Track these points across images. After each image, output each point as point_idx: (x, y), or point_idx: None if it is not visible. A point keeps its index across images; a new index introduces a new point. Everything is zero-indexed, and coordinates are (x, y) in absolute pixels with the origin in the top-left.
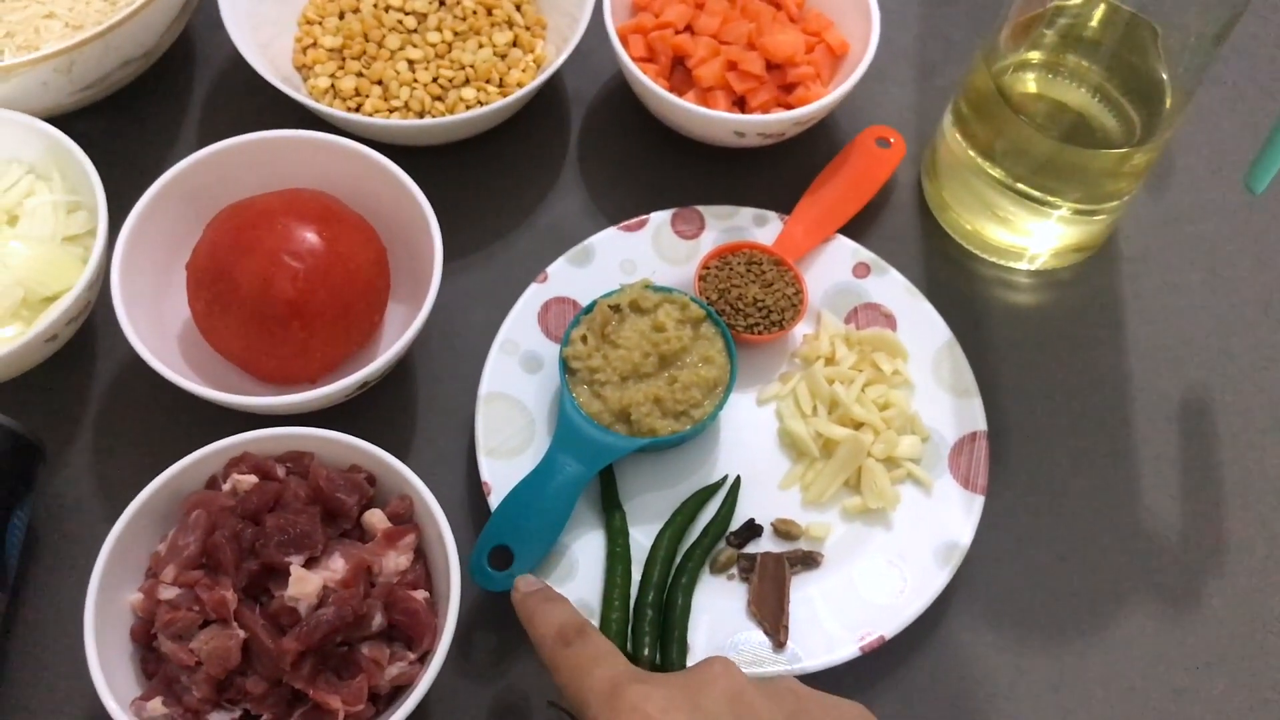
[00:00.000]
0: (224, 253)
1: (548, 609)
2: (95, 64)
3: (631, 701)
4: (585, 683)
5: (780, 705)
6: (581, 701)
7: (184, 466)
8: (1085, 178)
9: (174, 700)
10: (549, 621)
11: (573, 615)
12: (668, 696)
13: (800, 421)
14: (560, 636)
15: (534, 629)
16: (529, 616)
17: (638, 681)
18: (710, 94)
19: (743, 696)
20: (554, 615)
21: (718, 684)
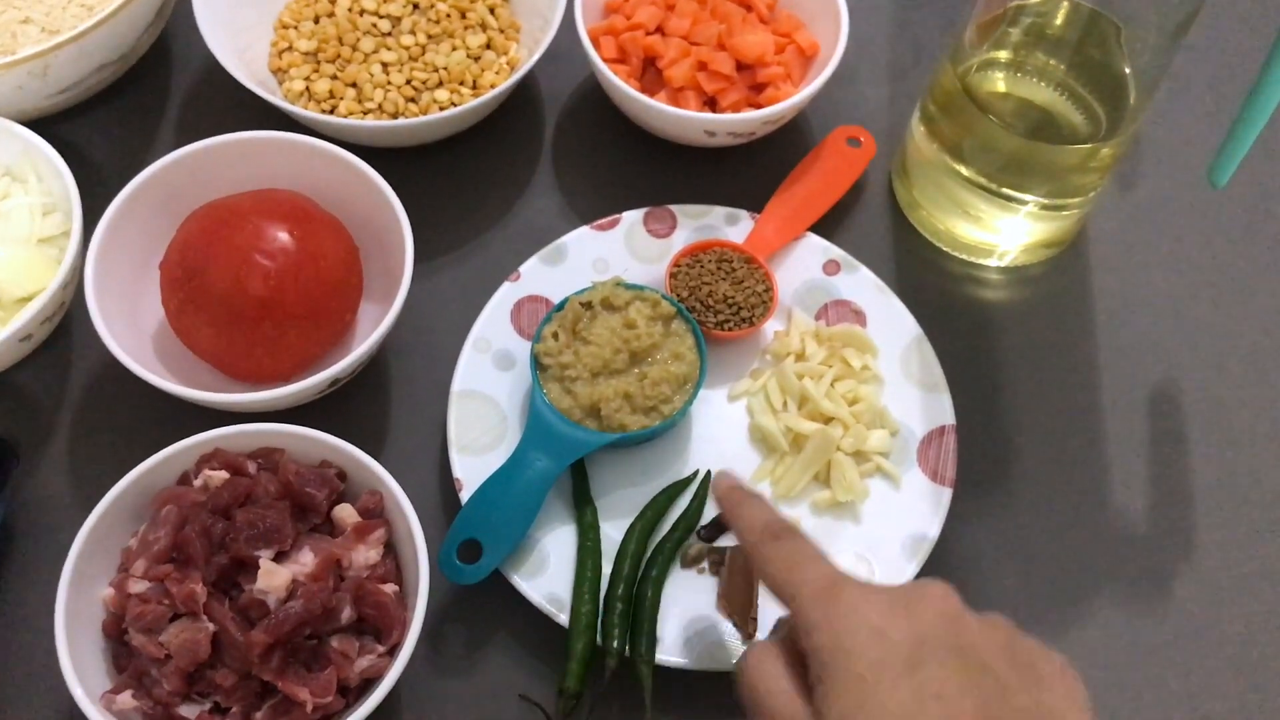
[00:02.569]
0: (196, 252)
1: (752, 504)
2: (71, 68)
3: (850, 601)
4: (798, 574)
5: (993, 635)
6: (792, 594)
7: (155, 463)
8: (1052, 173)
9: (144, 693)
10: (755, 516)
11: (779, 514)
12: (886, 602)
13: (770, 417)
14: (768, 530)
15: (741, 521)
16: (735, 508)
17: (852, 583)
18: (681, 94)
19: (959, 619)
20: (759, 511)
21: (935, 602)
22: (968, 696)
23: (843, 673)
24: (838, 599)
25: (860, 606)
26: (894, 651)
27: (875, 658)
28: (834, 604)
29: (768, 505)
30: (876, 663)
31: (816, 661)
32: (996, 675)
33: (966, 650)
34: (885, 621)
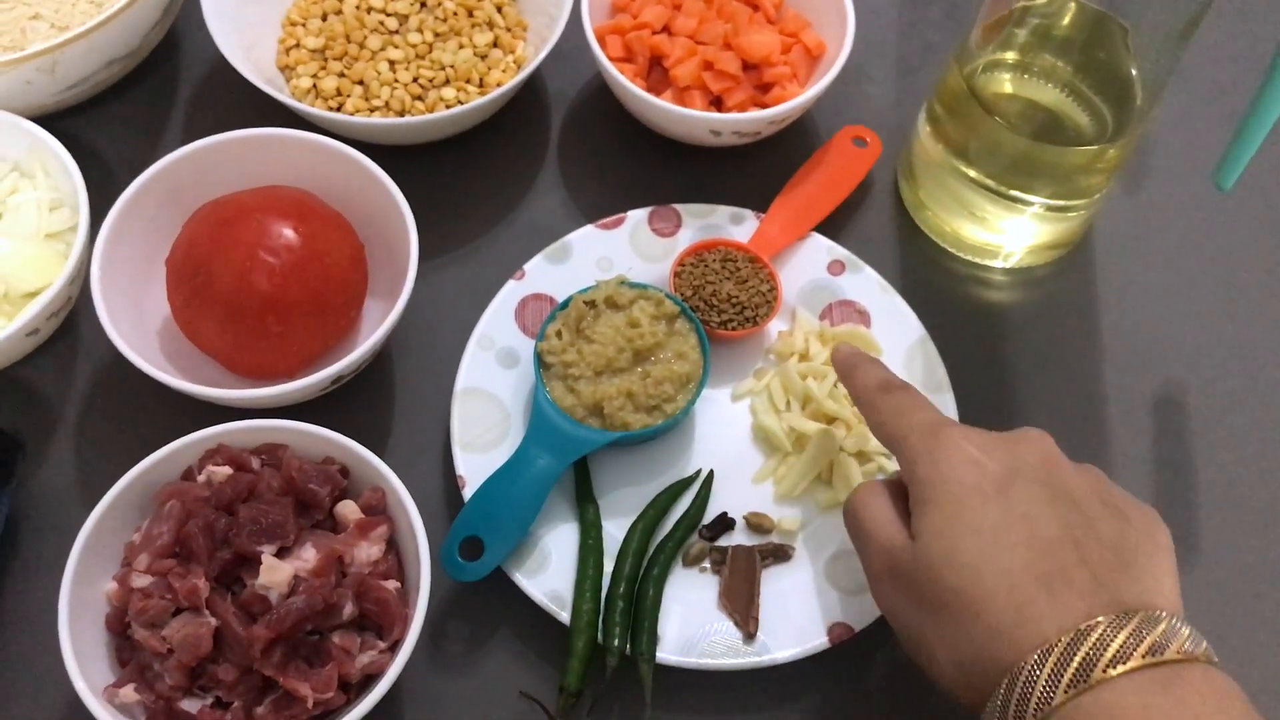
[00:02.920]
0: (202, 248)
1: (870, 365)
2: (79, 64)
3: (952, 437)
4: (907, 419)
5: (1085, 478)
6: (900, 435)
7: (159, 458)
8: (1058, 175)
9: (146, 688)
10: (869, 375)
11: (894, 375)
12: (988, 440)
13: (773, 416)
14: (880, 385)
15: (855, 379)
16: (851, 369)
17: (957, 425)
18: (687, 93)
19: (1054, 459)
20: (874, 370)
21: (1034, 444)
22: (1054, 519)
23: (940, 494)
24: (941, 435)
25: (961, 442)
26: (988, 478)
27: (971, 482)
28: (937, 439)
29: (882, 366)
30: (972, 487)
31: (917, 487)
32: (1083, 508)
33: (1057, 485)
34: (983, 454)
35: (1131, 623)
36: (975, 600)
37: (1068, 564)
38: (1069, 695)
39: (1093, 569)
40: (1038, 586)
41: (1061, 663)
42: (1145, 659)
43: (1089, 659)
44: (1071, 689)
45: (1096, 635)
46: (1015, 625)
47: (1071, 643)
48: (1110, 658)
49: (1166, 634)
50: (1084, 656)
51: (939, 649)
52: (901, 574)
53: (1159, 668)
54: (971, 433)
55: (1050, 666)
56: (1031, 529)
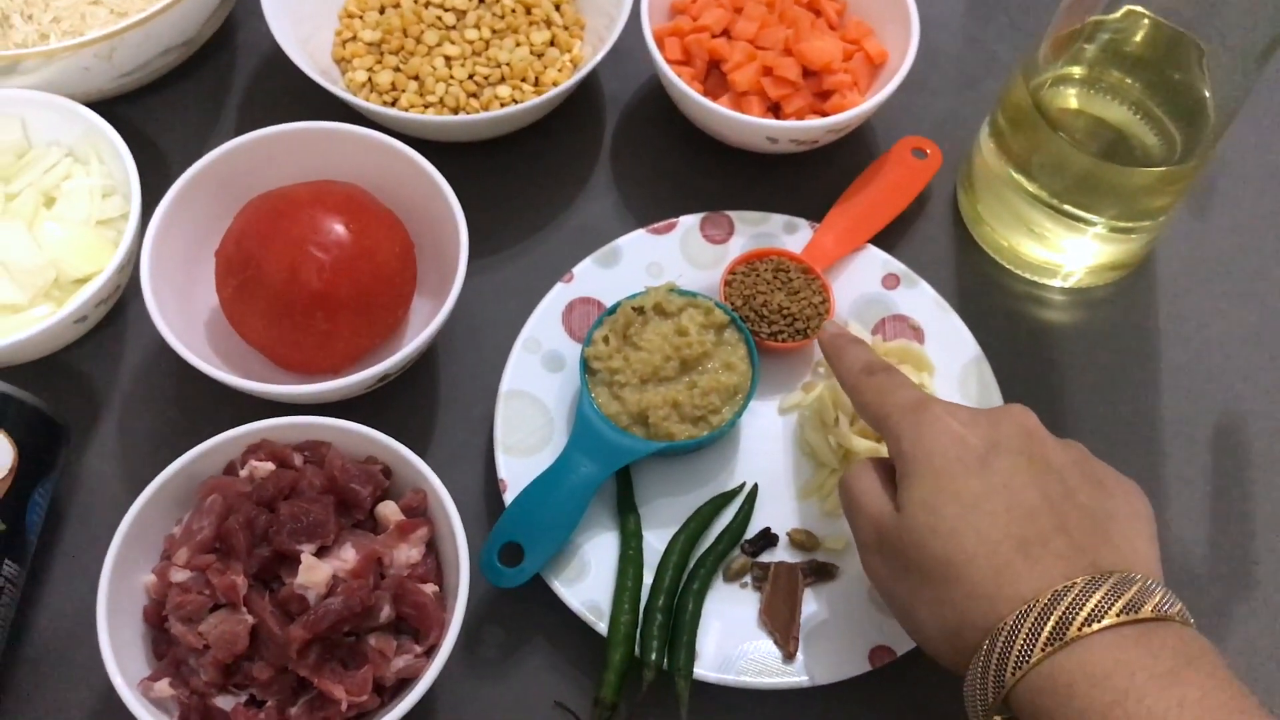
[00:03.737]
0: (252, 241)
1: (855, 348)
2: (136, 50)
3: (936, 414)
4: (890, 399)
5: (1067, 452)
6: (885, 414)
7: (202, 451)
8: (1123, 195)
9: (181, 682)
10: (855, 357)
11: (878, 357)
12: (971, 415)
13: (820, 432)
14: (867, 368)
15: (841, 361)
16: (838, 351)
17: (942, 401)
18: (745, 99)
19: (1036, 433)
20: (860, 353)
21: (1016, 418)
22: (1033, 488)
23: (924, 467)
24: (925, 411)
25: (944, 417)
26: (970, 450)
27: (954, 454)
28: (921, 415)
29: (868, 348)
30: (954, 459)
31: (902, 462)
32: (1063, 477)
33: (1037, 456)
34: (966, 429)
35: (1107, 583)
36: (957, 565)
37: (1046, 530)
38: (1046, 653)
39: (1071, 534)
40: (1017, 551)
41: (1039, 621)
42: (1119, 617)
43: (1065, 617)
44: (1049, 646)
45: (1073, 595)
46: (995, 588)
47: (1049, 603)
48: (1086, 616)
49: (1141, 593)
50: (1060, 615)
51: (925, 615)
52: (888, 544)
53: (1133, 625)
54: (955, 409)
55: (1028, 626)
56: (1011, 497)
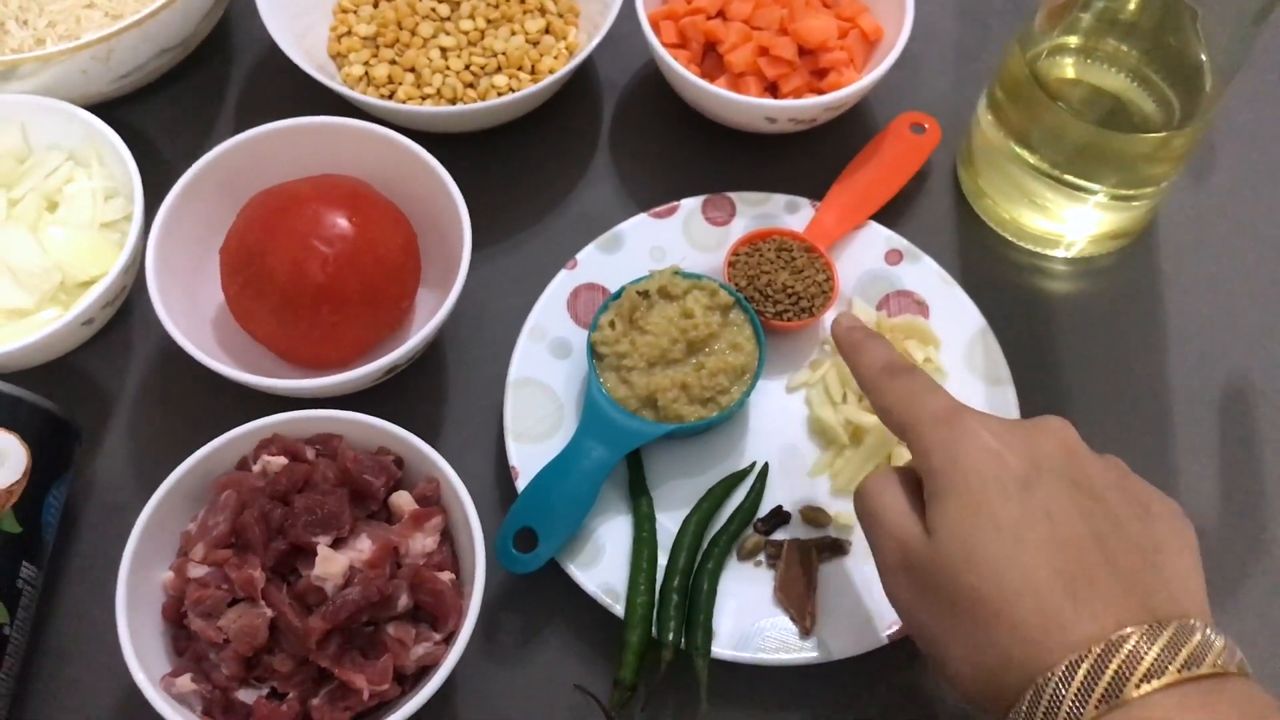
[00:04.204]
0: (255, 237)
1: (872, 343)
2: (133, 52)
3: (969, 425)
4: (917, 407)
5: (1108, 470)
6: (912, 423)
7: (215, 448)
8: (1123, 162)
9: (203, 677)
10: (875, 354)
11: (899, 354)
12: (1006, 429)
13: (830, 409)
14: (887, 368)
15: (860, 359)
16: (854, 347)
17: (974, 411)
18: (742, 80)
19: (1076, 451)
20: (880, 350)
21: (1055, 434)
22: (1078, 517)
23: (958, 487)
24: (957, 423)
25: (979, 431)
26: (1009, 471)
27: (990, 475)
28: (953, 428)
29: (888, 344)
30: (992, 479)
31: (932, 480)
32: (1107, 504)
33: (1080, 479)
34: (1003, 444)
35: (1165, 634)
36: (996, 602)
37: (1093, 565)
38: (1100, 711)
39: (1120, 571)
40: (1063, 590)
41: (1092, 676)
42: (1180, 674)
43: (1121, 673)
44: (1103, 705)
45: (1129, 648)
46: (1041, 633)
47: (1103, 655)
48: (1144, 672)
49: (1201, 646)
50: (1116, 670)
51: (955, 651)
52: (917, 570)
53: (1194, 683)
54: (989, 420)
55: (1080, 680)
56: (1054, 527)
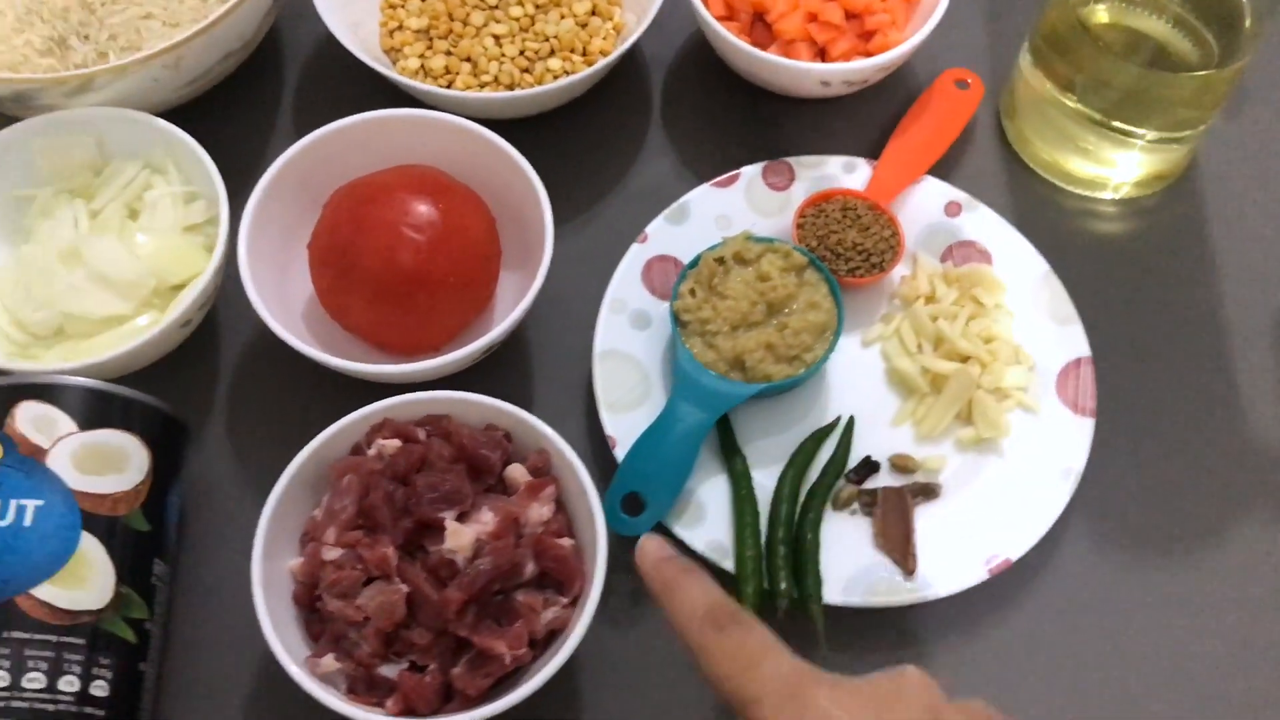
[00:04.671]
0: (345, 230)
1: (688, 582)
2: (201, 57)
3: (821, 707)
4: (754, 676)
5: None
6: (749, 697)
7: (330, 435)
8: (1168, 105)
9: (344, 656)
10: (693, 599)
11: (720, 594)
12: (860, 702)
13: (907, 359)
14: (710, 618)
15: (675, 604)
16: (666, 587)
17: (822, 683)
18: (793, 46)
19: (940, 716)
20: (698, 592)
21: (913, 699)
22: None
23: None
24: (805, 703)
25: (831, 712)
26: None
27: None
28: (803, 710)
29: (707, 582)
30: None
31: None
32: None
33: None
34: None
35: None
36: None
37: None
38: None
39: None
40: None
41: None
42: None
43: None
44: None
45: None
46: None
47: None
48: None
49: None
50: None
51: None
52: None
53: None
54: (842, 695)
55: None
56: None
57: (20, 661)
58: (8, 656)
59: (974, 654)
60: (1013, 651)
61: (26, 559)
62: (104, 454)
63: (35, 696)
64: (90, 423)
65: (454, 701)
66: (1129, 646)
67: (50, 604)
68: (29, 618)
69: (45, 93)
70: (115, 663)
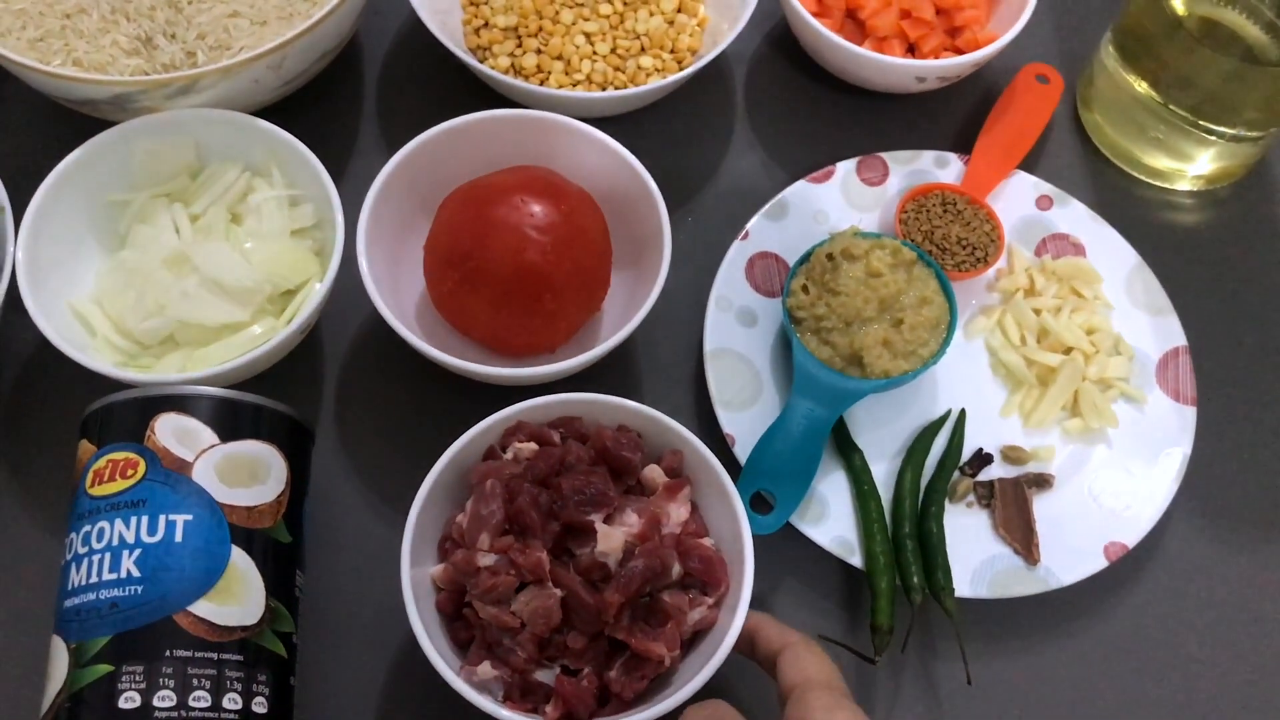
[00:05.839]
0: (466, 233)
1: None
2: (302, 57)
3: None
4: None
5: None
6: None
7: (468, 440)
8: (1249, 103)
9: (499, 662)
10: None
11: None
12: None
13: (1012, 351)
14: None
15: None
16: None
17: None
18: (886, 43)
19: None
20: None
21: None
22: None
23: None
24: None
25: None
26: None
27: None
28: None
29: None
30: None
31: None
32: None
33: None
34: None
35: None
36: None
37: None
38: None
39: None
40: None
41: None
42: None
43: None
44: None
45: None
46: None
47: None
48: None
49: None
50: None
51: None
52: None
53: None
54: None
55: None
56: None
57: (185, 680)
58: (172, 676)
59: (1098, 642)
60: (1133, 638)
61: (181, 575)
62: (246, 465)
63: (202, 715)
64: (229, 434)
65: (609, 705)
66: (1239, 631)
67: (208, 621)
68: (190, 635)
69: (147, 95)
70: (270, 678)
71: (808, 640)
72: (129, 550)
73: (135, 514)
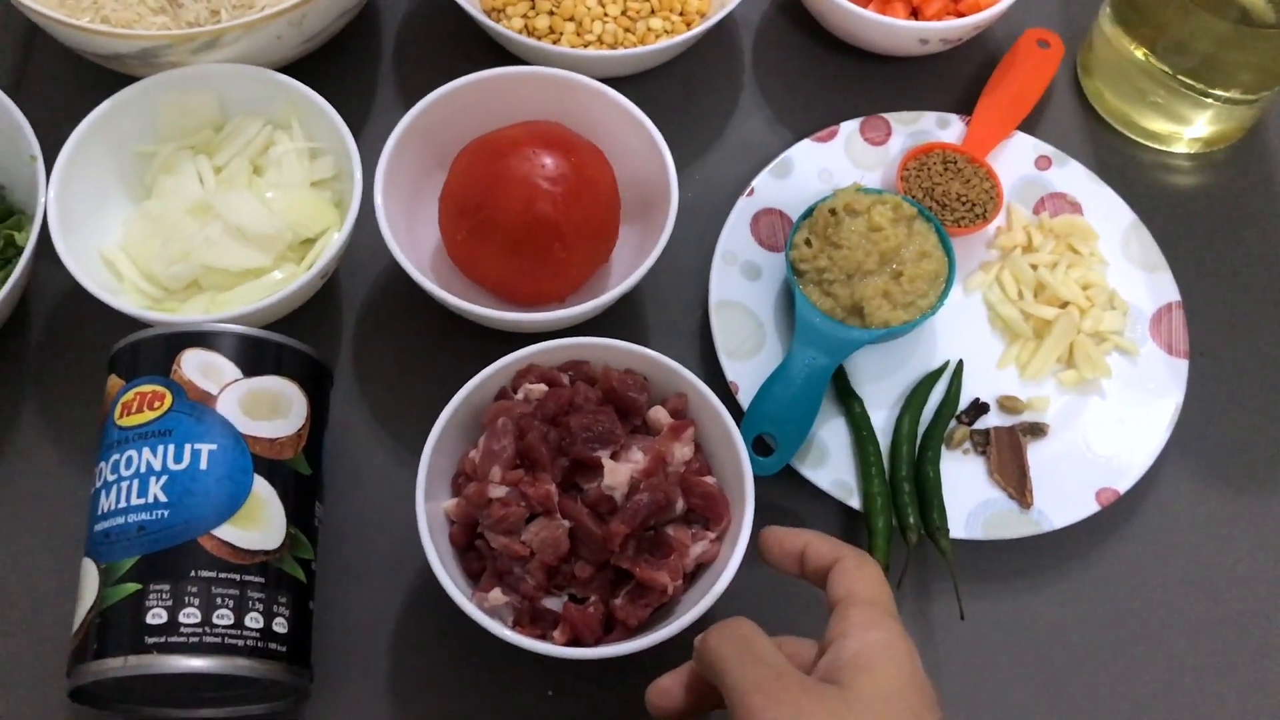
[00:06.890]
0: (479, 184)
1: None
2: (323, 14)
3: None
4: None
5: None
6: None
7: (481, 380)
8: (1245, 66)
9: (509, 590)
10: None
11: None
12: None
13: (1009, 305)
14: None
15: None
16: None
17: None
18: (890, 5)
19: None
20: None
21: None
22: None
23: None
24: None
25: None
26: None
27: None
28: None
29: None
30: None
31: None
32: None
33: None
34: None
35: None
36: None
37: None
38: None
39: None
40: None
41: None
42: None
43: None
44: None
45: None
46: None
47: None
48: None
49: None
50: None
51: None
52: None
53: None
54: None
55: None
56: None
57: (209, 599)
58: (197, 595)
59: (1087, 583)
60: (1122, 580)
61: (205, 500)
62: (268, 399)
63: (225, 631)
64: (252, 369)
65: (614, 631)
66: (1229, 574)
67: (232, 544)
68: (214, 557)
69: (173, 50)
70: (291, 600)
71: (860, 555)
72: (156, 477)
73: (162, 443)
